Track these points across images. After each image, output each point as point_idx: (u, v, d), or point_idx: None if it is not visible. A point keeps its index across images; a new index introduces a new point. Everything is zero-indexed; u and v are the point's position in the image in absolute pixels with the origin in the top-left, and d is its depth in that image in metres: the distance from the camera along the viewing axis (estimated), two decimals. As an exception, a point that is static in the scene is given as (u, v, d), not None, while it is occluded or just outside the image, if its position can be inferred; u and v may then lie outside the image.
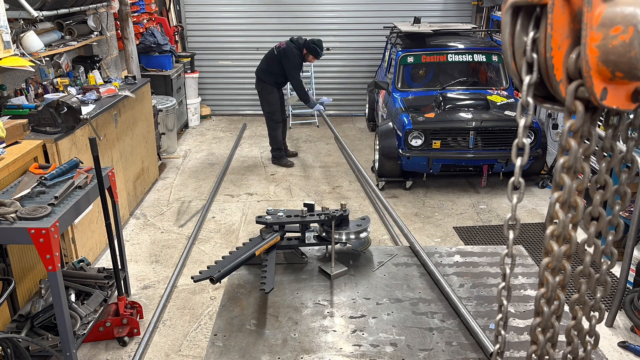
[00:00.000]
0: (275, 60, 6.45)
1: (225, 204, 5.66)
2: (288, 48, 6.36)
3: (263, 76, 6.57)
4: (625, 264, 3.47)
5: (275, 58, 6.45)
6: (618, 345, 3.40)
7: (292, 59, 6.34)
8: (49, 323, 3.20)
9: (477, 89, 6.48)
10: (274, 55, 6.48)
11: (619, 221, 0.93)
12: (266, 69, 6.54)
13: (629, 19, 0.72)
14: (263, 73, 6.57)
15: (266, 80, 6.55)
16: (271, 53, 6.56)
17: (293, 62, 6.36)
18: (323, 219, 2.33)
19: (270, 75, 6.53)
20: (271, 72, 6.52)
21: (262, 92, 6.65)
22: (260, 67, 6.64)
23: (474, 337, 1.91)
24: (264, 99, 6.67)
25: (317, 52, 6.36)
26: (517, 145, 0.90)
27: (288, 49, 6.36)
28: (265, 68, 6.56)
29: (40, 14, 4.20)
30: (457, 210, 5.52)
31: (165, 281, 4.18)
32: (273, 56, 6.49)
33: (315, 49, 6.32)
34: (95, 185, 3.28)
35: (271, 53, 6.56)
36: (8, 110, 3.90)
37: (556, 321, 1.01)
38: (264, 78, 6.57)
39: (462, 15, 9.01)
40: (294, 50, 6.36)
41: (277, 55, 6.44)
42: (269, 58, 6.56)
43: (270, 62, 6.51)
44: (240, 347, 1.87)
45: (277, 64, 6.45)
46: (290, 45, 6.41)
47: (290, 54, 6.34)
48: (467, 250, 2.58)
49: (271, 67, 6.50)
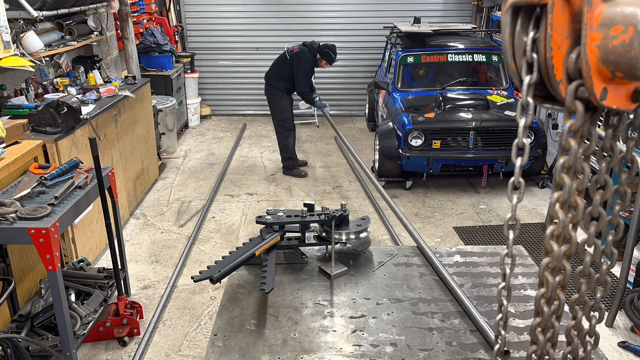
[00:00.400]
0: (287, 65, 6.14)
1: (225, 204, 5.66)
2: (301, 52, 6.08)
3: (273, 82, 6.24)
4: (625, 264, 3.47)
5: (288, 63, 6.13)
6: (618, 345, 3.40)
7: (305, 63, 6.06)
8: (49, 323, 3.20)
9: (477, 89, 6.48)
10: (286, 60, 6.17)
11: (619, 221, 0.93)
12: (278, 73, 6.21)
13: (629, 19, 0.72)
14: (274, 78, 6.24)
15: (277, 86, 6.22)
16: (283, 57, 6.24)
17: (305, 68, 6.08)
18: (323, 219, 2.33)
19: (281, 81, 6.20)
20: (283, 77, 6.19)
21: (272, 99, 6.31)
22: (270, 72, 6.32)
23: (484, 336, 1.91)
24: (274, 105, 6.33)
25: (330, 58, 6.11)
26: (517, 145, 0.90)
27: (301, 53, 6.08)
28: (277, 73, 6.23)
29: (40, 14, 4.20)
30: (457, 210, 5.52)
31: (165, 281, 4.18)
32: (285, 60, 6.17)
33: (329, 54, 6.08)
34: (95, 185, 3.28)
35: (283, 57, 6.24)
36: (8, 110, 3.90)
37: (556, 321, 1.01)
38: (274, 84, 6.23)
39: (462, 15, 9.01)
40: (308, 55, 6.07)
41: (289, 60, 6.13)
42: (280, 62, 6.24)
43: (283, 67, 6.19)
44: (240, 347, 1.87)
45: (289, 69, 6.14)
46: (303, 49, 6.12)
47: (304, 58, 6.05)
48: (467, 250, 2.58)
49: (283, 72, 6.18)
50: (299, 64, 6.06)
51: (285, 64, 6.16)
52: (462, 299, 2.09)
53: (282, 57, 6.24)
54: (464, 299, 2.08)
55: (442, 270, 2.28)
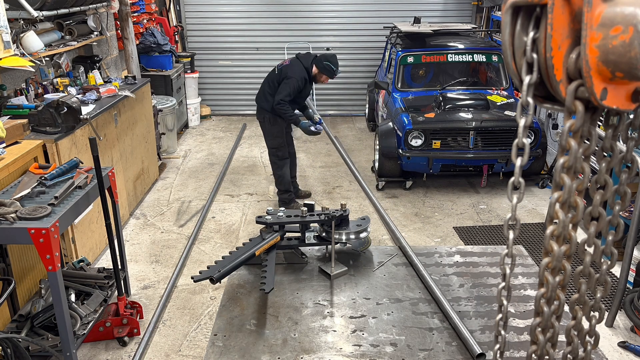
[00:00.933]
0: (276, 81, 5.21)
1: (225, 204, 5.66)
2: (291, 65, 5.18)
3: (264, 103, 5.26)
4: (625, 264, 3.47)
5: (276, 79, 5.21)
6: (618, 345, 3.40)
7: (292, 80, 5.07)
8: (49, 323, 3.20)
9: (477, 89, 6.48)
10: (273, 75, 5.26)
11: (619, 221, 0.93)
12: (268, 92, 5.24)
13: (629, 19, 0.72)
14: (264, 99, 5.27)
15: (267, 108, 5.23)
16: (271, 74, 5.35)
17: (292, 84, 5.06)
18: (323, 219, 2.34)
19: (272, 101, 5.18)
20: (273, 95, 5.18)
21: (263, 124, 5.37)
22: (260, 93, 5.35)
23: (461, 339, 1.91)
24: (266, 131, 5.39)
25: (331, 71, 5.14)
26: (517, 145, 0.90)
27: (291, 65, 5.17)
28: (266, 92, 5.26)
29: (40, 14, 4.20)
30: (457, 210, 5.52)
31: (165, 281, 4.18)
32: (273, 76, 5.27)
33: (329, 67, 5.11)
34: (95, 185, 3.28)
35: (271, 74, 5.35)
36: (8, 110, 3.90)
37: (556, 321, 1.01)
38: (265, 105, 5.25)
39: (462, 15, 9.01)
40: (297, 69, 5.13)
41: (277, 75, 5.22)
42: (269, 80, 5.30)
43: (271, 84, 5.24)
44: (240, 347, 1.87)
45: (278, 85, 5.19)
46: (295, 62, 5.20)
47: (292, 72, 5.10)
48: (467, 250, 2.58)
49: (272, 89, 5.20)
50: (286, 79, 5.11)
51: (273, 80, 5.25)
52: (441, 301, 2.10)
53: (271, 74, 5.37)
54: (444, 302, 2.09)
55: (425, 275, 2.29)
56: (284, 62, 5.36)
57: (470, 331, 1.93)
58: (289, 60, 5.29)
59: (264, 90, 5.30)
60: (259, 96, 5.35)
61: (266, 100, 5.24)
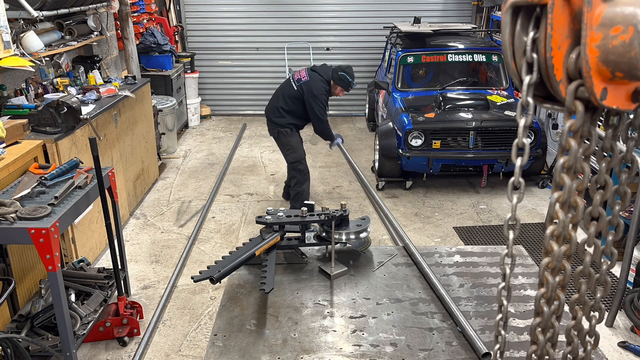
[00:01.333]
0: (296, 98, 4.93)
1: (225, 204, 5.66)
2: (313, 81, 4.87)
3: (278, 119, 4.99)
4: (625, 264, 3.47)
5: (296, 96, 4.92)
6: (618, 345, 3.40)
7: (320, 96, 4.84)
8: (49, 323, 3.20)
9: (477, 89, 6.48)
10: (293, 91, 4.95)
11: (619, 221, 0.93)
12: (283, 107, 4.96)
13: (629, 19, 0.72)
14: (278, 114, 4.99)
15: (282, 124, 4.99)
16: (287, 87, 5.03)
17: (321, 101, 4.83)
18: (323, 219, 2.33)
19: (288, 116, 4.97)
20: (289, 111, 4.96)
21: (279, 139, 5.10)
22: (272, 106, 5.05)
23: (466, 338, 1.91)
24: (283, 144, 5.10)
25: (347, 84, 4.92)
26: (517, 145, 0.90)
27: (313, 82, 4.87)
28: (281, 107, 4.98)
29: (40, 14, 4.20)
30: (457, 210, 5.52)
31: (165, 281, 4.18)
32: (292, 92, 4.95)
33: (345, 79, 4.88)
34: (95, 185, 3.28)
35: (287, 87, 5.03)
36: (8, 110, 3.90)
37: (556, 321, 1.01)
38: (278, 121, 4.99)
39: (462, 15, 9.01)
40: (321, 83, 4.87)
41: (296, 91, 4.92)
42: (285, 94, 5.00)
43: (289, 99, 4.96)
44: (240, 347, 1.87)
45: (299, 102, 4.92)
46: (315, 77, 4.90)
47: (317, 89, 4.84)
48: (467, 250, 2.58)
49: (290, 105, 4.95)
50: (313, 98, 4.84)
51: (291, 95, 4.96)
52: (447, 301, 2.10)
53: (286, 87, 5.05)
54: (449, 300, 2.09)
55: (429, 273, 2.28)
56: (300, 74, 5.02)
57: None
58: (307, 74, 4.97)
59: (277, 106, 5.01)
60: (272, 111, 5.05)
61: (281, 116, 4.99)
